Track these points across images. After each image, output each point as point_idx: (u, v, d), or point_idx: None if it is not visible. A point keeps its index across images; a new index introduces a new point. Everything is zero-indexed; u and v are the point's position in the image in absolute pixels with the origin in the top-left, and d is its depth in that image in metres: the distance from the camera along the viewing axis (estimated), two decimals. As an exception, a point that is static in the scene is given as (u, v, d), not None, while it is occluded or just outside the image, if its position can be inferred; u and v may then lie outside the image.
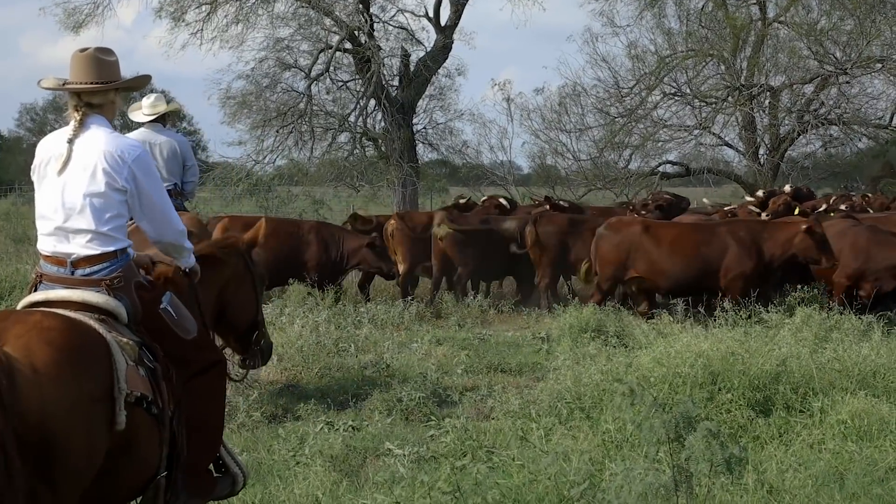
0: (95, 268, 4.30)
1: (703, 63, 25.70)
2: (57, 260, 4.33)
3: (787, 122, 25.62)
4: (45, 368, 3.66)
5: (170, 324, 4.45)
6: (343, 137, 25.53)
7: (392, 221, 15.57)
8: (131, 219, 4.54)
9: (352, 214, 16.59)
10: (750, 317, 10.40)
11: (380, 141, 25.17)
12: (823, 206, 15.92)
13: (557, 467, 5.98)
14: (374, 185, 25.89)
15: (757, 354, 8.05)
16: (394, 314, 12.66)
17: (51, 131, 4.55)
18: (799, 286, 11.74)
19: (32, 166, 4.47)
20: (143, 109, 9.26)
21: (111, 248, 4.32)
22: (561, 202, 17.88)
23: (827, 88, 25.02)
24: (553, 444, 6.78)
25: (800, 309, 10.46)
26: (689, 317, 11.54)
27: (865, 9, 23.54)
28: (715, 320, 10.55)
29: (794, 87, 25.35)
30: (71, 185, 4.31)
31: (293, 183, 27.81)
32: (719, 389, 7.67)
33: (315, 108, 24.67)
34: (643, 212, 15.59)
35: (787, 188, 18.15)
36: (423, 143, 26.80)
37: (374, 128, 25.32)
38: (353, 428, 8.08)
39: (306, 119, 24.43)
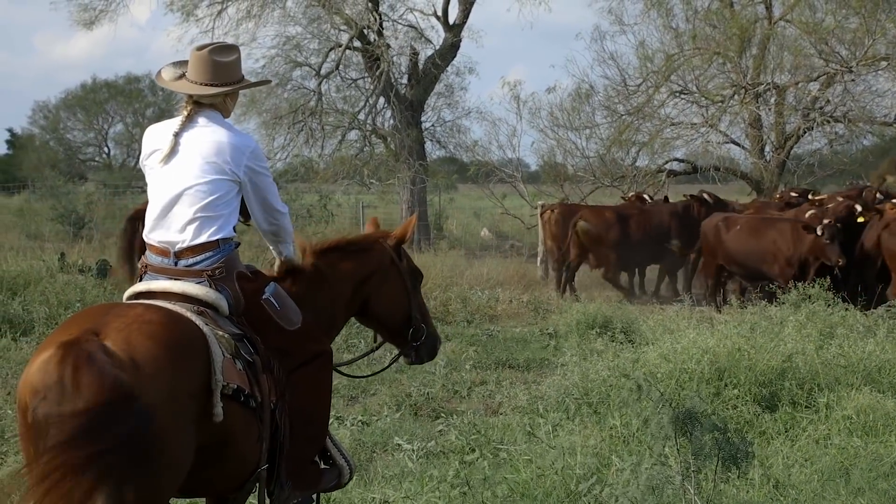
0: (198, 258, 4.27)
1: (710, 62, 25.68)
2: (161, 250, 4.30)
3: (792, 119, 25.60)
4: (145, 363, 3.58)
5: (272, 315, 4.42)
6: (353, 135, 25.61)
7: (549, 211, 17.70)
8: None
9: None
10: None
11: (389, 139, 25.24)
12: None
13: (564, 462, 6.06)
14: (383, 182, 25.95)
15: (763, 350, 8.10)
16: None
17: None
18: None
19: (141, 157, 4.47)
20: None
21: (213, 238, 4.30)
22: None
23: (832, 86, 24.99)
24: (560, 440, 6.82)
25: (805, 305, 10.51)
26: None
27: (870, 7, 23.47)
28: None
29: (800, 85, 25.32)
30: (174, 176, 4.30)
31: (303, 180, 27.87)
32: (725, 385, 7.73)
33: (325, 106, 24.75)
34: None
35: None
36: (431, 140, 26.88)
37: (384, 125, 25.40)
38: (362, 423, 8.15)
39: (317, 117, 24.51)
